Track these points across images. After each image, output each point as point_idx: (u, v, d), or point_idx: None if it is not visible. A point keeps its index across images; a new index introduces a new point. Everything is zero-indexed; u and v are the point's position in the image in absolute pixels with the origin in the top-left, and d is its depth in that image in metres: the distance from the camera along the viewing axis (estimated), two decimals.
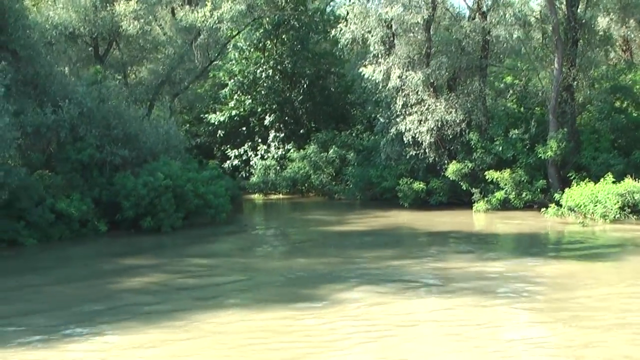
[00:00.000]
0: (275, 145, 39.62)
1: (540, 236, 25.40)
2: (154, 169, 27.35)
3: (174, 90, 35.82)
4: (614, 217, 25.97)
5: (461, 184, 31.16)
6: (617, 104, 32.40)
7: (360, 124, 37.64)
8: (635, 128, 31.45)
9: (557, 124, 30.33)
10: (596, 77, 32.58)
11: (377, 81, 31.54)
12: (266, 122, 40.10)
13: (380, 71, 30.95)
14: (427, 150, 31.51)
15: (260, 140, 40.86)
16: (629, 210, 26.30)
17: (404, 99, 31.48)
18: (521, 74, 33.69)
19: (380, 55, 31.61)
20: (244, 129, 42.20)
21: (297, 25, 38.47)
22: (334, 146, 36.01)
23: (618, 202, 26.16)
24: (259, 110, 40.52)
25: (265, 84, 39.68)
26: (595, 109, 31.98)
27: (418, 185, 31.52)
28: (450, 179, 31.45)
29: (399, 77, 30.56)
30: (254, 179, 39.53)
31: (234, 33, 38.40)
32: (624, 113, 31.88)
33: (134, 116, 28.99)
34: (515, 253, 22.06)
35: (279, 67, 39.00)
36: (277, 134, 39.90)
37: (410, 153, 31.89)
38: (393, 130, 32.04)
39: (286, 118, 40.42)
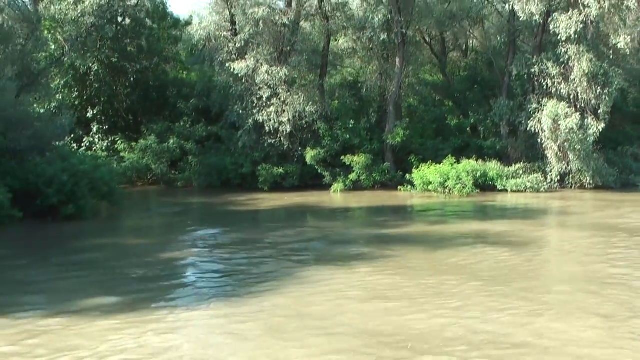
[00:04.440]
0: (99, 137, 40.40)
1: (408, 207, 31.54)
2: (62, 155, 28.04)
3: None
4: (470, 191, 32.44)
5: (317, 168, 35.57)
6: (437, 97, 39.31)
7: (187, 116, 40.12)
8: (448, 118, 38.62)
9: (395, 114, 36.13)
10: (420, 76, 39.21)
11: (241, 75, 34.73)
12: (89, 114, 40.70)
13: (247, 66, 34.25)
14: (282, 139, 35.40)
15: (82, 133, 41.17)
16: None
17: (261, 92, 35.11)
18: (362, 71, 39.01)
19: (246, 52, 34.98)
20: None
21: (126, 19, 39.84)
22: (173, 137, 38.24)
23: (470, 179, 32.73)
24: (83, 102, 40.90)
25: (91, 77, 40.29)
26: (420, 101, 38.55)
27: (277, 170, 35.50)
28: (302, 164, 35.86)
29: (266, 72, 34.17)
30: None
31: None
32: (439, 106, 38.90)
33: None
34: (415, 219, 28.28)
35: (106, 60, 39.96)
36: (101, 126, 40.74)
37: (269, 141, 35.54)
38: (250, 120, 35.42)
39: (110, 112, 41.40)
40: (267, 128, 35.53)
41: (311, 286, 15.51)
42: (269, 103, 35.53)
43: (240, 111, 36.55)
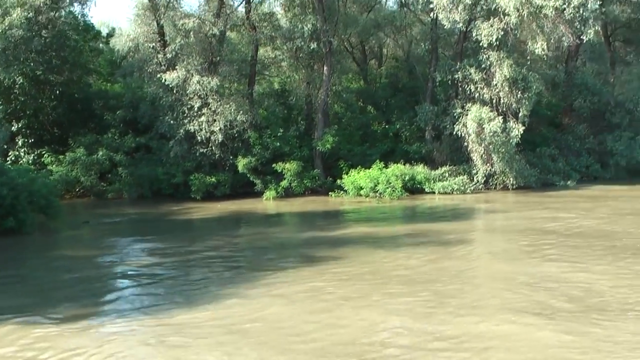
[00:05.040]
0: (25, 150, 39.96)
1: (340, 212, 32.33)
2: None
3: None
4: (400, 194, 33.60)
5: (249, 176, 36.15)
6: (362, 104, 40.39)
7: (114, 127, 40.07)
8: (374, 125, 39.77)
9: (324, 121, 37.04)
10: (345, 84, 40.23)
11: (172, 85, 35.06)
12: (14, 128, 40.23)
13: (178, 77, 34.61)
14: (213, 148, 35.86)
15: (7, 147, 40.66)
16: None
17: (192, 102, 35.53)
18: (289, 80, 39.79)
19: (176, 63, 35.33)
20: None
21: (51, 32, 39.55)
22: (102, 149, 38.17)
23: (399, 182, 33.89)
24: (7, 116, 40.39)
25: (16, 91, 39.84)
26: (346, 108, 39.58)
27: (209, 179, 35.91)
28: (233, 172, 36.40)
29: (197, 82, 34.61)
30: None
31: None
32: (365, 112, 39.94)
33: None
34: (348, 223, 29.03)
35: (31, 73, 39.58)
36: (26, 140, 40.30)
37: (200, 151, 35.95)
38: (182, 130, 35.76)
39: (36, 125, 40.98)
40: (198, 137, 35.90)
41: (244, 294, 15.79)
42: (199, 113, 35.97)
43: (171, 121, 36.81)
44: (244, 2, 38.06)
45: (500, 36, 33.50)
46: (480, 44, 34.33)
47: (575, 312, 13.53)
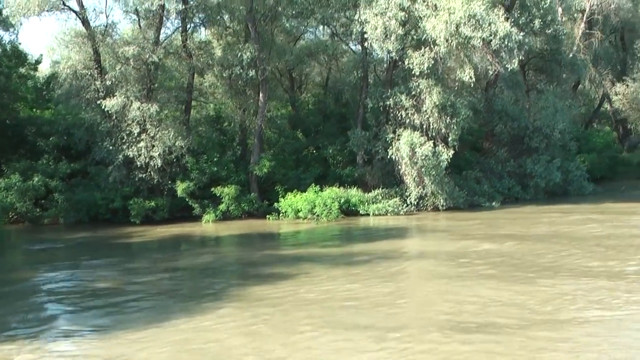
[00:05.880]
0: None
1: (279, 234, 33.80)
2: None
3: None
4: (336, 216, 34.96)
5: (187, 200, 36.89)
6: (292, 130, 41.78)
7: (48, 153, 40.11)
8: (307, 149, 41.20)
9: (260, 147, 38.19)
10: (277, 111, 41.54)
11: (112, 112, 35.63)
12: None
13: (118, 103, 35.21)
14: (152, 173, 36.49)
15: None
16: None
17: (131, 128, 36.16)
18: (224, 106, 40.79)
19: (115, 89, 35.95)
20: None
21: None
22: (37, 174, 38.20)
23: (336, 205, 35.26)
24: None
25: None
26: (279, 134, 40.85)
27: (149, 204, 36.53)
28: (172, 197, 37.14)
29: (138, 108, 35.30)
30: None
31: None
32: (297, 138, 41.31)
33: None
34: (285, 246, 30.90)
35: None
36: None
37: (139, 176, 36.53)
38: (121, 156, 36.29)
39: None
40: (137, 163, 36.59)
41: (179, 320, 16.55)
42: (138, 139, 36.65)
43: (110, 147, 37.31)
44: (180, 31, 39.04)
45: (430, 64, 35.40)
46: (412, 72, 36.15)
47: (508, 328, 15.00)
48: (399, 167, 37.28)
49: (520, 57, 35.36)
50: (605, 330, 14.70)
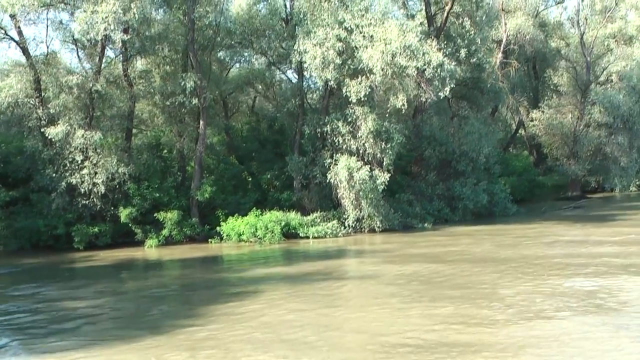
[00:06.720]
0: None
1: (222, 257, 34.92)
2: None
3: None
4: (278, 239, 36.27)
5: (130, 225, 37.60)
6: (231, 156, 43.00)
7: None
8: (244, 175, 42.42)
9: (200, 173, 39.23)
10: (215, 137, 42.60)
11: (55, 140, 36.15)
12: None
13: (62, 131, 35.74)
14: (95, 200, 37.08)
15: None
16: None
17: (74, 155, 36.71)
18: (163, 133, 41.62)
19: (58, 117, 36.51)
20: None
21: None
22: None
23: (278, 228, 36.57)
24: None
25: None
26: (218, 160, 41.99)
27: (92, 230, 37.11)
28: (114, 222, 37.79)
29: (82, 136, 35.92)
30: None
31: None
32: (234, 164, 42.54)
33: None
34: (230, 269, 32.00)
35: None
36: None
37: (82, 202, 37.06)
38: (63, 183, 36.76)
39: None
40: (80, 190, 37.14)
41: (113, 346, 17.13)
42: (81, 166, 37.19)
43: (53, 174, 37.71)
44: (121, 60, 39.83)
45: (367, 92, 37.14)
46: (349, 100, 37.86)
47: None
48: (337, 190, 38.82)
49: (452, 85, 37.37)
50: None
